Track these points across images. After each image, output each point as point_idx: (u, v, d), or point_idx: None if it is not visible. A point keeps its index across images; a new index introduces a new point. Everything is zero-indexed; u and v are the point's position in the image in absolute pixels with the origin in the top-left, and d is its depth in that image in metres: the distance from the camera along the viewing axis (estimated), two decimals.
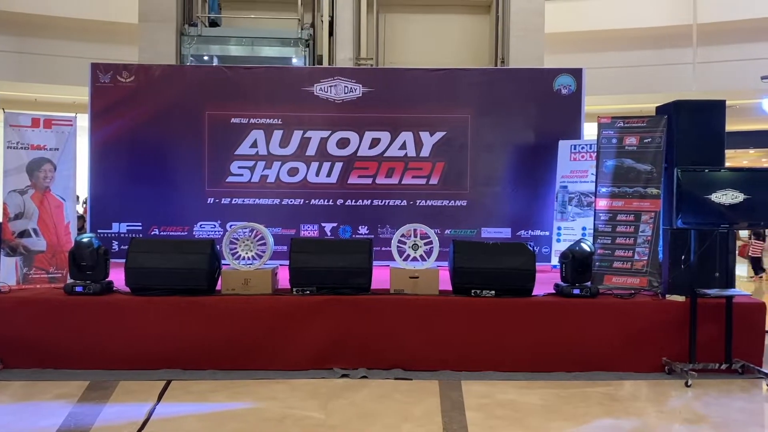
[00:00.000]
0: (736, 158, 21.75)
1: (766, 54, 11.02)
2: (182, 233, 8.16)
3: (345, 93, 8.22)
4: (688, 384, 5.27)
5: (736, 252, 7.21)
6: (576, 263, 5.86)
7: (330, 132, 8.22)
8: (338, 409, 4.67)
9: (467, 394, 5.02)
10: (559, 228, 8.07)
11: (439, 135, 8.27)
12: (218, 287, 5.90)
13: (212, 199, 8.22)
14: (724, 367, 5.55)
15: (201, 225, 8.21)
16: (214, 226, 8.19)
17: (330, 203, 8.25)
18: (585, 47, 12.41)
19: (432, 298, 5.79)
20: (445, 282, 5.99)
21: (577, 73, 8.36)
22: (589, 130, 7.96)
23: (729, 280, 5.86)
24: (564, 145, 8.08)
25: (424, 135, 8.26)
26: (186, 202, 8.23)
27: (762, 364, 5.65)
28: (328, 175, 8.23)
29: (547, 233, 8.26)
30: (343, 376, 5.45)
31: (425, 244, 6.17)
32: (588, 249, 5.97)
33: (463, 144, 8.31)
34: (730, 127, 6.23)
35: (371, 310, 5.68)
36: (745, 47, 11.67)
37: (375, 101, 8.24)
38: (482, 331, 5.68)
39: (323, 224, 8.24)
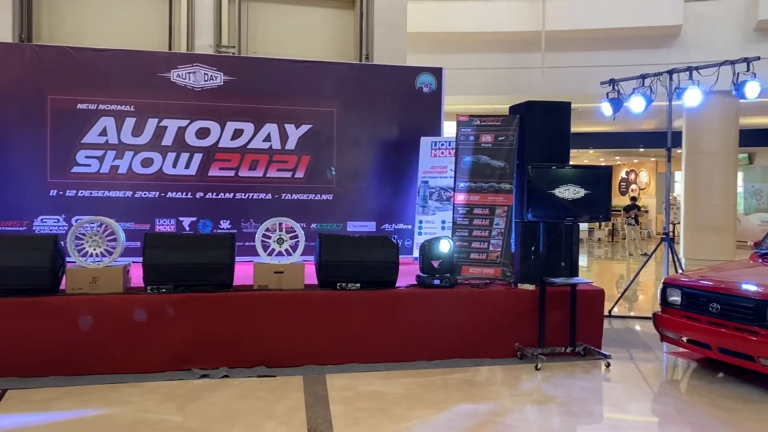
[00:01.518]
0: (578, 157, 23.69)
1: (605, 62, 12.04)
2: (20, 228, 7.42)
3: (205, 81, 7.89)
4: (538, 367, 5.63)
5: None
6: (432, 256, 6.07)
7: (188, 121, 7.85)
8: (197, 411, 4.47)
9: (332, 387, 5.01)
10: (420, 221, 8.30)
11: (305, 128, 8.18)
12: (63, 286, 5.42)
13: (55, 191, 7.55)
14: (569, 350, 6.00)
15: (42, 219, 7.52)
16: (58, 220, 7.54)
17: (188, 196, 7.88)
18: (445, 48, 12.86)
19: (297, 292, 5.72)
20: (311, 276, 5.94)
21: (437, 72, 8.63)
22: (450, 128, 8.26)
23: (573, 269, 6.34)
24: (425, 142, 8.32)
25: (290, 127, 8.14)
26: (24, 194, 7.48)
27: (601, 346, 6.17)
28: (187, 166, 7.86)
29: (410, 226, 8.47)
30: (203, 376, 5.23)
31: (291, 238, 6.07)
32: (444, 242, 6.18)
33: (329, 138, 8.29)
34: (573, 128, 6.72)
35: (233, 307, 5.50)
36: (588, 55, 12.68)
37: (238, 91, 7.99)
38: (348, 324, 5.70)
39: (181, 218, 7.86)
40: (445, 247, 6.14)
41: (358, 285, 5.80)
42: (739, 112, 13.10)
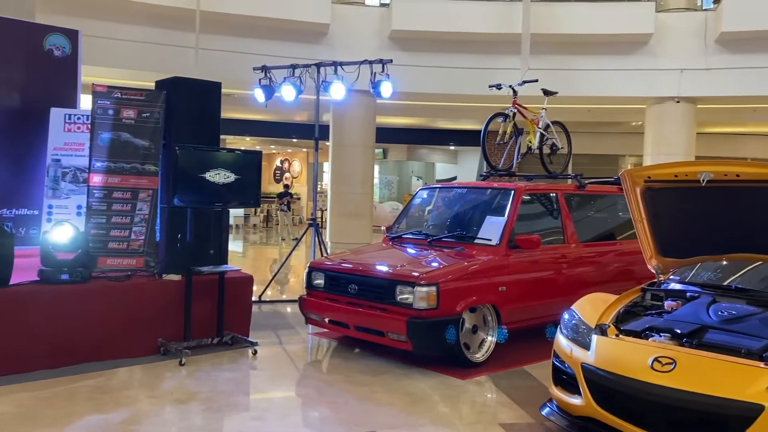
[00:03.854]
0: (235, 144, 23.75)
1: (260, 50, 12.10)
2: None
3: None
4: (182, 363, 5.27)
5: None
6: (58, 246, 5.24)
7: None
8: None
9: None
10: (50, 206, 7.13)
11: None
12: None
13: None
14: (216, 340, 5.77)
15: None
16: None
17: None
18: (87, 13, 11.41)
19: None
20: None
21: (72, 35, 7.49)
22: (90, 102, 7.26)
23: (222, 257, 6.13)
24: (57, 114, 7.15)
25: None
26: None
27: (249, 333, 6.10)
28: None
29: (37, 212, 7.21)
30: None
31: None
32: (70, 229, 5.38)
33: None
34: (229, 114, 6.52)
35: None
36: (244, 41, 12.61)
37: None
38: None
39: None
40: (72, 235, 5.32)
41: None
42: (377, 111, 14.57)
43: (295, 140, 23.54)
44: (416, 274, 5.30)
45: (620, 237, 6.99)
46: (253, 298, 7.62)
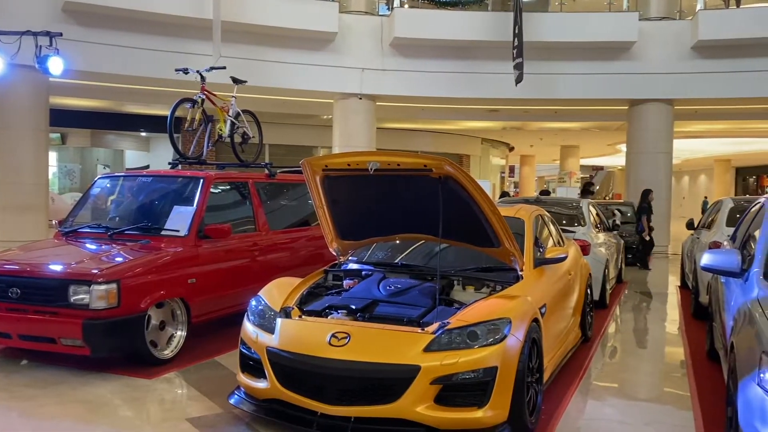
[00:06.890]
0: None
1: None
2: None
3: None
4: None
5: None
6: None
7: None
8: None
9: None
10: None
11: None
12: None
13: None
14: None
15: None
16: None
17: None
18: None
19: None
20: None
21: None
22: None
23: None
24: None
25: None
26: None
27: None
28: None
29: None
30: None
31: None
32: None
33: None
34: None
35: None
36: None
37: None
38: None
39: None
40: None
41: None
42: (51, 90, 12.90)
43: None
44: (94, 271, 4.83)
45: (311, 224, 7.33)
46: None
